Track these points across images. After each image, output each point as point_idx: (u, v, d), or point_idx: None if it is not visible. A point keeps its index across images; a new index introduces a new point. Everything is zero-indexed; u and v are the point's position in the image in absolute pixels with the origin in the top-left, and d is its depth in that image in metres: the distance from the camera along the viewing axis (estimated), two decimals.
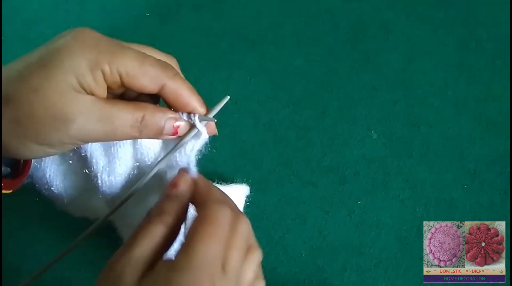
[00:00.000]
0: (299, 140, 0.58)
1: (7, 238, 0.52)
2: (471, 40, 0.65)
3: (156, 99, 0.31)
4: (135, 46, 0.29)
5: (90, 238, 0.52)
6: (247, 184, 0.54)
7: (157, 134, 0.29)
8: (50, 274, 0.51)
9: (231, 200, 0.29)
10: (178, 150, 0.31)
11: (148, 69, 0.27)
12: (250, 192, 0.54)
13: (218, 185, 0.36)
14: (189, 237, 0.24)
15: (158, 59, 0.29)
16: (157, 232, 0.26)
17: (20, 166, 0.31)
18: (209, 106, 0.32)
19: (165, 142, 0.32)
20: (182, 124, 0.29)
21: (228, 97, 0.32)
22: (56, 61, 0.24)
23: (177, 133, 0.29)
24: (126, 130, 0.27)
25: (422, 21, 0.67)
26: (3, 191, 0.29)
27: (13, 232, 0.52)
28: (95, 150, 0.32)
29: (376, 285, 0.49)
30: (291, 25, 0.68)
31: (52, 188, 0.36)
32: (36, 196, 0.54)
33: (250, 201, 0.54)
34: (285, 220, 0.53)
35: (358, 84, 0.62)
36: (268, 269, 0.51)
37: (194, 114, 0.30)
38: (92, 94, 0.26)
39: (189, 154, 0.31)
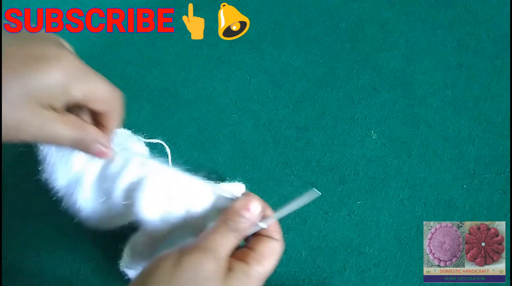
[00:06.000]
0: (299, 140, 0.58)
1: (7, 238, 0.52)
2: (470, 40, 0.65)
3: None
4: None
5: (90, 239, 0.52)
6: (246, 184, 0.54)
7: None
8: (50, 274, 0.51)
9: None
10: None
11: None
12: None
13: (213, 184, 0.37)
14: (263, 256, 0.32)
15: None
16: (234, 241, 0.32)
17: None
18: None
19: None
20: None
21: (319, 193, 0.36)
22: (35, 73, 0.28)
23: (102, 154, 0.34)
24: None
25: (421, 21, 0.68)
26: None
27: (13, 232, 0.52)
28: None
29: (375, 285, 0.49)
30: (291, 25, 0.68)
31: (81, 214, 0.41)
32: (36, 196, 0.55)
33: None
34: (285, 220, 0.53)
35: (357, 84, 0.62)
36: None
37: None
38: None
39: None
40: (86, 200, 0.39)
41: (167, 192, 0.36)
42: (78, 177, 0.37)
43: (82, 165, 0.37)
